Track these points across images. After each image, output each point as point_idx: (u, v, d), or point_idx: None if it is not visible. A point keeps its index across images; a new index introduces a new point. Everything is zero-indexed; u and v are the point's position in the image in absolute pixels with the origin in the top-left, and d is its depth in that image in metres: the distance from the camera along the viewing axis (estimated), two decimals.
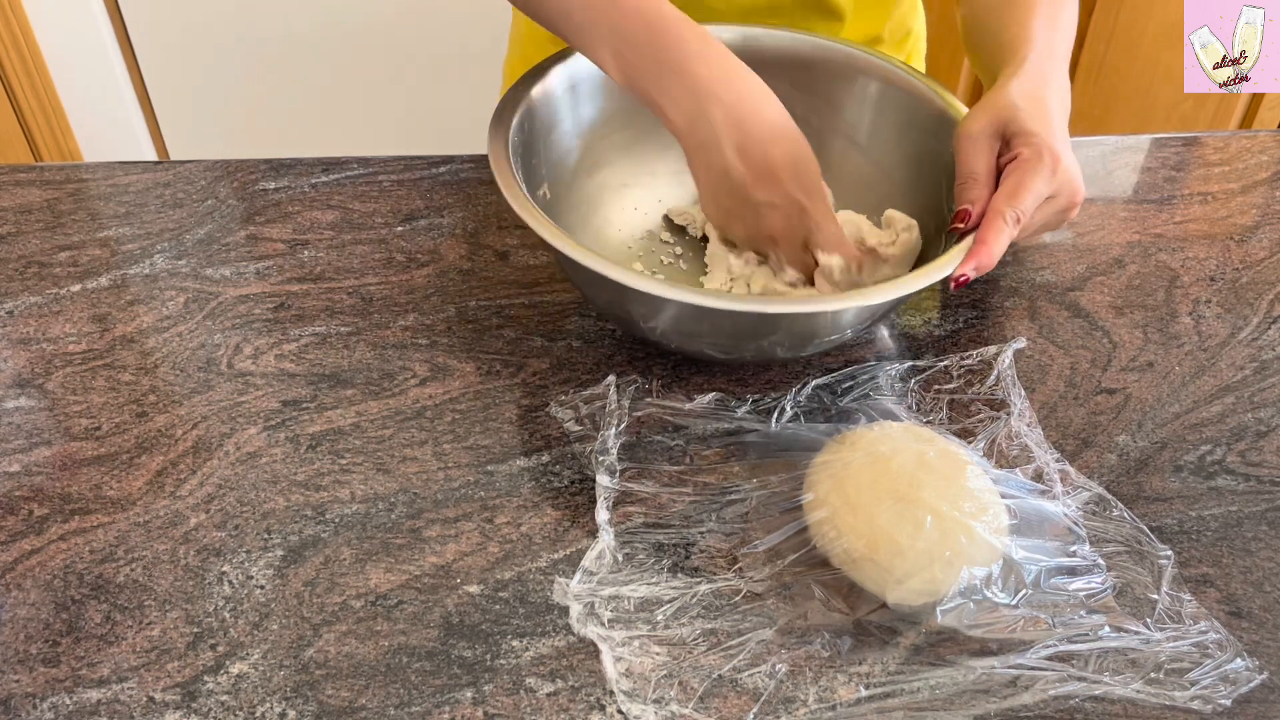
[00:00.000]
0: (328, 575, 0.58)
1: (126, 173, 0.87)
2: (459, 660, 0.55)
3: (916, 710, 0.52)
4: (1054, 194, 0.64)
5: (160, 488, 0.63)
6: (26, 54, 1.82)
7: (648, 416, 0.67)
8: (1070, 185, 0.64)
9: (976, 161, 0.66)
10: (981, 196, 0.65)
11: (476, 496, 0.63)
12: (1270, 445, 0.67)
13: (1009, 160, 0.65)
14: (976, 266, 0.62)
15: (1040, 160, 0.63)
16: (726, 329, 0.65)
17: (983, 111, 0.66)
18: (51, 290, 0.76)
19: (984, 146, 0.66)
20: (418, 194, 0.85)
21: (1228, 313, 0.77)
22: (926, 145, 0.75)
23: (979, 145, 0.66)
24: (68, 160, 1.92)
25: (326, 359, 0.71)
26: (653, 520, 0.61)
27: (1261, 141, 0.94)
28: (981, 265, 0.62)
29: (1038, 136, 0.64)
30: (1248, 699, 0.53)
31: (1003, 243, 0.62)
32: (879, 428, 0.63)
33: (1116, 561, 0.58)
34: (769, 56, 0.77)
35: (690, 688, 0.53)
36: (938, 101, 0.75)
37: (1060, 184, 0.64)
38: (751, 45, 0.78)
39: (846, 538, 0.57)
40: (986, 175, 0.65)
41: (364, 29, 1.93)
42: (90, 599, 0.57)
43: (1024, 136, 0.64)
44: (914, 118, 0.76)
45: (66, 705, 0.52)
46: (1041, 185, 0.63)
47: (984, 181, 0.65)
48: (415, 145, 1.00)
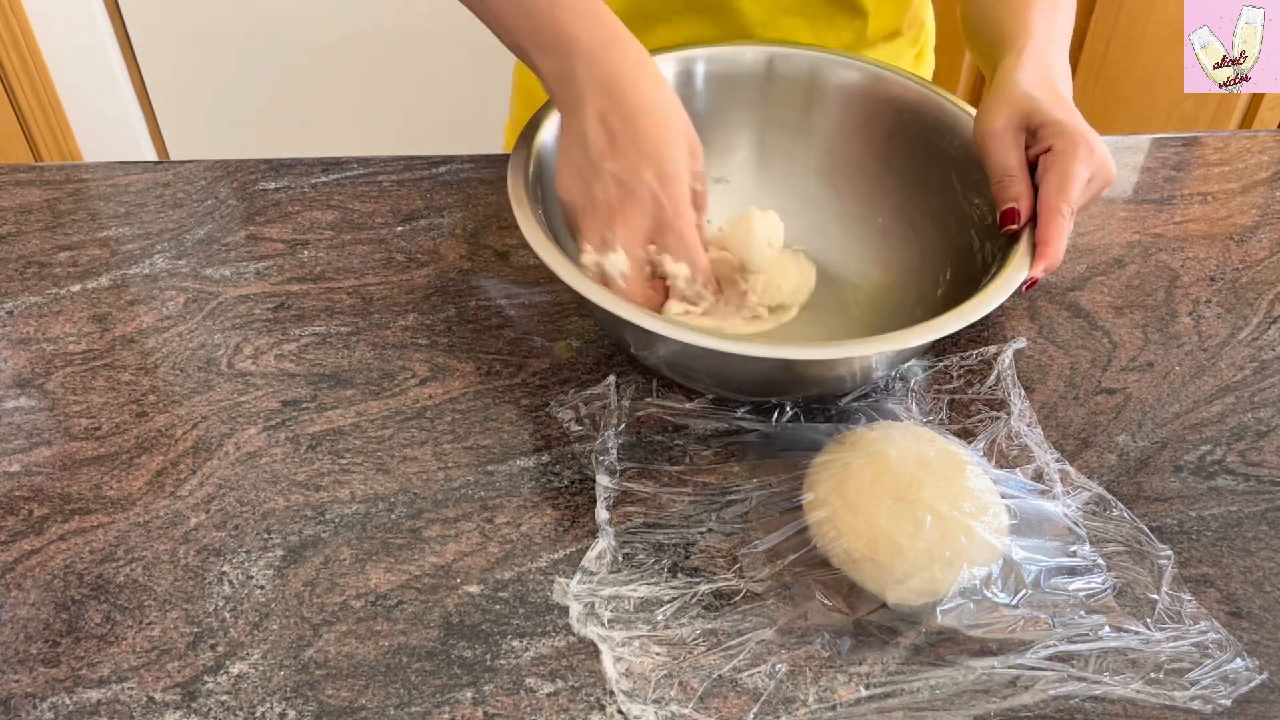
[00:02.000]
0: (328, 575, 0.58)
1: (126, 173, 0.87)
2: (459, 660, 0.55)
3: (916, 710, 0.52)
4: (1091, 176, 0.64)
5: (160, 488, 0.63)
6: (26, 54, 1.82)
7: (648, 416, 0.67)
8: (1105, 164, 0.65)
9: (1008, 157, 0.65)
10: (1024, 192, 0.64)
11: (476, 496, 0.63)
12: (1270, 445, 0.67)
13: (1042, 152, 0.65)
14: (1046, 267, 0.62)
15: (1077, 149, 0.63)
16: (754, 376, 0.62)
17: (1001, 106, 0.66)
18: (51, 290, 0.76)
19: (1011, 142, 0.66)
20: (418, 194, 0.85)
21: (1228, 313, 0.77)
22: (929, 145, 0.75)
23: (1006, 141, 0.66)
24: (68, 160, 1.92)
25: (326, 359, 0.71)
26: (653, 520, 0.61)
27: (1261, 141, 0.94)
28: (1050, 265, 0.62)
29: (1067, 125, 0.64)
30: (1248, 699, 0.53)
31: (1064, 239, 0.62)
32: (879, 428, 0.63)
33: (1116, 561, 0.58)
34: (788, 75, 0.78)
35: (690, 688, 0.53)
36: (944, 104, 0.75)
37: (1096, 166, 0.64)
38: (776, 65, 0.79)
39: (846, 538, 0.57)
40: (1021, 170, 0.65)
41: (364, 29, 1.93)
42: (90, 599, 0.57)
43: (1053, 126, 0.64)
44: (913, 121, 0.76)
45: (66, 705, 0.52)
46: (1084, 171, 0.63)
47: (1021, 177, 0.65)
48: (415, 145, 1.00)
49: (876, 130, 0.78)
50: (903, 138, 0.77)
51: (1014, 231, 0.64)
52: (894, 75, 0.78)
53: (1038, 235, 0.63)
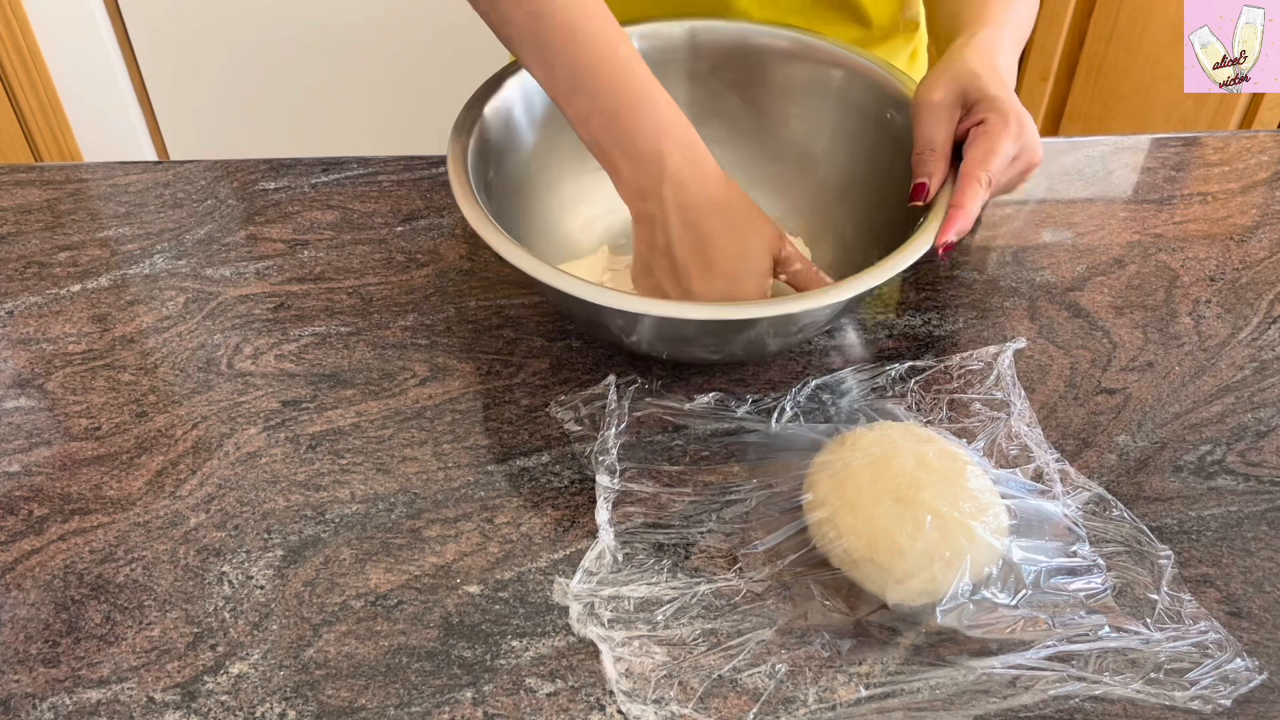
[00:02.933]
0: (328, 575, 0.58)
1: (126, 173, 0.87)
2: (459, 660, 0.55)
3: (916, 710, 0.52)
4: (1017, 155, 0.65)
5: (160, 488, 0.63)
6: (26, 54, 1.82)
7: (648, 416, 0.67)
8: (1032, 145, 0.66)
9: (936, 131, 0.66)
10: (939, 169, 0.66)
11: (476, 496, 0.63)
12: (1270, 445, 0.67)
13: (974, 124, 0.66)
14: (958, 230, 0.63)
15: (1007, 124, 0.64)
16: (711, 330, 0.64)
17: (941, 79, 0.67)
18: (51, 290, 0.76)
19: (944, 115, 0.67)
20: (418, 194, 0.85)
21: (1228, 313, 0.77)
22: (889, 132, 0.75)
23: (939, 114, 0.67)
24: (68, 160, 1.92)
25: (326, 359, 0.71)
26: (653, 520, 0.61)
27: (1261, 141, 0.94)
28: (961, 229, 0.63)
29: (1001, 101, 0.65)
30: (1248, 699, 0.53)
31: (978, 204, 0.63)
32: (879, 428, 0.63)
33: (1116, 561, 0.58)
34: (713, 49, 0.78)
35: (690, 688, 0.53)
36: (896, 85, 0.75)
37: (1023, 146, 0.65)
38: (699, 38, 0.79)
39: (846, 538, 0.57)
40: (944, 146, 0.66)
41: (364, 29, 1.93)
42: (90, 599, 0.57)
43: (988, 101, 0.65)
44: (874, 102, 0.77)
45: (66, 705, 0.52)
46: (1009, 148, 0.65)
47: (941, 153, 0.66)
48: (415, 145, 1.00)
49: (818, 103, 0.80)
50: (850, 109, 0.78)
51: (918, 206, 0.65)
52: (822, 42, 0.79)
53: (952, 199, 0.64)
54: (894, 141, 0.73)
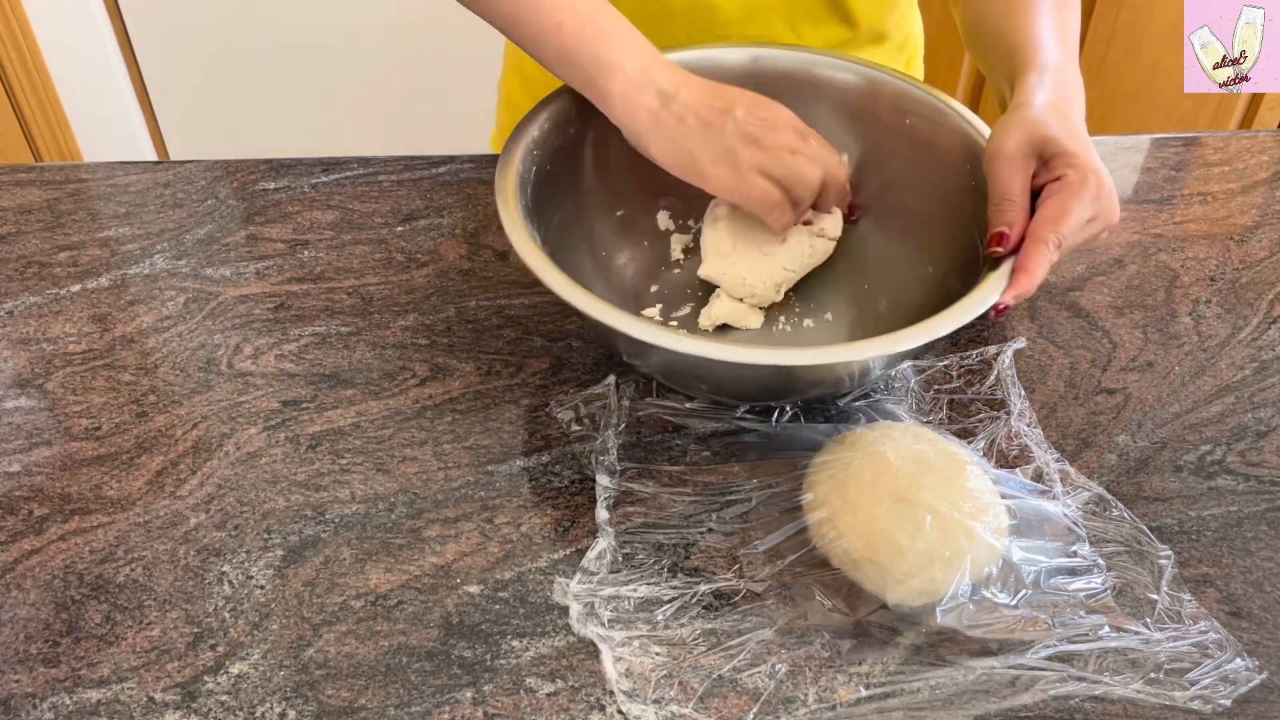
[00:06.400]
0: (328, 575, 0.58)
1: (126, 173, 0.87)
2: (459, 660, 0.55)
3: (916, 710, 0.52)
4: (1093, 217, 0.63)
5: (160, 488, 0.63)
6: (26, 54, 1.82)
7: (648, 416, 0.67)
8: (1109, 209, 0.63)
9: (1013, 182, 0.64)
10: (1019, 219, 0.62)
11: (476, 496, 0.63)
12: (1270, 445, 0.67)
13: (1051, 181, 0.63)
14: (1017, 295, 0.60)
15: (1085, 184, 0.62)
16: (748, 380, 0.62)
17: (1015, 129, 0.64)
18: (51, 290, 0.76)
19: (1019, 166, 0.64)
20: (418, 194, 0.85)
21: (1228, 313, 0.77)
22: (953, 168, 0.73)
23: (1014, 166, 0.64)
24: (68, 160, 1.92)
25: (326, 359, 0.71)
26: (653, 520, 0.61)
27: (1261, 141, 0.94)
28: (1022, 293, 0.60)
29: (1080, 159, 0.62)
30: (1248, 699, 0.53)
31: (1044, 269, 0.61)
32: (879, 428, 0.63)
33: (1116, 561, 0.58)
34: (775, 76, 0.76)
35: (690, 688, 0.53)
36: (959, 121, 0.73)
37: (1100, 208, 0.63)
38: (761, 64, 0.77)
39: (846, 538, 0.57)
40: (1022, 197, 0.63)
41: (364, 29, 1.93)
42: (90, 599, 0.57)
43: (1066, 158, 0.63)
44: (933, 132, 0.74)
45: (66, 705, 0.52)
46: (1085, 210, 0.62)
47: (1020, 204, 0.63)
48: (415, 145, 1.00)
49: (877, 133, 0.77)
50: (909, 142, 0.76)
51: (999, 255, 0.62)
52: (889, 77, 0.76)
53: (1018, 261, 0.61)
54: (958, 179, 0.71)
